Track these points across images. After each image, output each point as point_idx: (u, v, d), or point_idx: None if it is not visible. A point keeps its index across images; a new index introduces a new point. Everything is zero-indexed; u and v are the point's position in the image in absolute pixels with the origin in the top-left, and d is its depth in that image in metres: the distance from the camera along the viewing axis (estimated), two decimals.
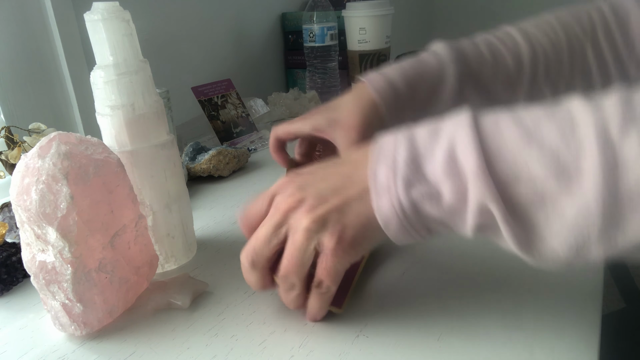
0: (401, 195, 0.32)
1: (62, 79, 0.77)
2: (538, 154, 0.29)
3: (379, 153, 0.34)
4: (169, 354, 0.37)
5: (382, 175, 0.33)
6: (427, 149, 0.32)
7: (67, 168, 0.36)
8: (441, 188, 0.31)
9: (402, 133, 0.34)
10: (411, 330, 0.38)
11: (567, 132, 0.28)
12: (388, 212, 0.33)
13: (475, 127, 0.30)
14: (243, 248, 0.38)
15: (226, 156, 0.72)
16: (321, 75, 1.13)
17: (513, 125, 0.30)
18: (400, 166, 0.32)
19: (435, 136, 0.32)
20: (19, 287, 0.48)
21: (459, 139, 0.30)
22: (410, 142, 0.33)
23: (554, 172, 0.28)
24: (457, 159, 0.30)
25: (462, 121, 0.31)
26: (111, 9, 0.42)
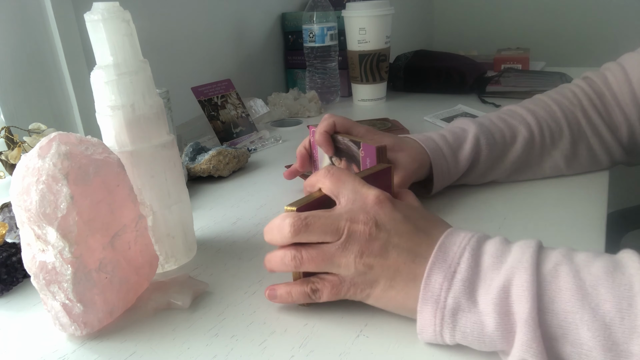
0: (447, 314, 0.33)
1: (62, 79, 0.77)
2: (590, 319, 0.28)
3: (442, 254, 0.35)
4: (169, 354, 0.37)
5: (436, 282, 0.34)
6: (487, 276, 0.33)
7: (67, 168, 0.36)
8: (487, 320, 0.32)
9: (470, 241, 0.35)
10: (411, 330, 0.38)
11: (624, 305, 0.28)
12: (427, 322, 0.34)
13: (535, 269, 0.31)
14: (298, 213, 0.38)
15: (226, 156, 0.72)
16: (321, 76, 1.13)
17: (572, 278, 0.30)
18: (456, 284, 0.33)
19: (498, 263, 0.33)
20: (19, 287, 0.48)
21: (518, 278, 0.31)
22: (475, 260, 0.34)
23: (603, 344, 0.28)
24: (511, 299, 0.31)
25: (526, 257, 0.32)
26: (111, 9, 0.42)
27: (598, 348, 0.28)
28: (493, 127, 0.59)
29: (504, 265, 0.33)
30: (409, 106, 1.09)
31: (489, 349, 0.33)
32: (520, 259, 0.32)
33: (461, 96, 1.11)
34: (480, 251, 0.34)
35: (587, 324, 0.29)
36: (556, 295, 0.30)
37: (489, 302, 0.32)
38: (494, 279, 0.32)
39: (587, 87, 0.62)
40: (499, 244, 0.35)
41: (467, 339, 0.33)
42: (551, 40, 1.82)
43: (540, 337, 0.29)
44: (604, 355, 0.28)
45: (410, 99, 1.15)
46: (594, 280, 0.30)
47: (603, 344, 0.28)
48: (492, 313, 0.31)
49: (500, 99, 1.04)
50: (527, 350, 0.30)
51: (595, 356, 0.28)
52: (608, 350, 0.28)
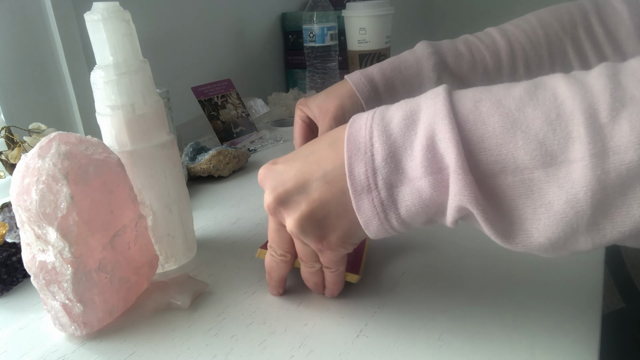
0: (383, 196, 0.31)
1: (62, 79, 0.77)
2: (523, 142, 0.27)
3: (353, 144, 0.32)
4: (169, 354, 0.37)
5: (360, 173, 0.32)
6: (405, 141, 0.31)
7: (67, 168, 0.36)
8: (422, 184, 0.30)
9: (373, 118, 0.32)
10: (411, 330, 0.38)
11: (553, 117, 0.27)
12: (369, 213, 0.32)
13: (453, 115, 0.29)
14: None
15: (226, 156, 0.72)
16: (321, 75, 1.13)
17: (495, 110, 0.28)
18: (379, 165, 0.31)
19: (412, 125, 0.30)
20: (19, 287, 0.48)
21: (438, 128, 0.29)
22: (386, 133, 0.31)
23: (542, 161, 0.27)
24: (437, 153, 0.29)
25: (440, 107, 0.30)
26: (111, 9, 0.42)
27: (539, 167, 0.27)
28: (451, 51, 0.51)
29: (418, 124, 0.30)
30: None
31: (436, 215, 0.32)
32: (434, 109, 0.30)
33: None
34: (387, 120, 0.32)
35: (522, 148, 0.27)
36: (484, 131, 0.28)
37: (417, 166, 0.30)
38: (414, 142, 0.30)
39: (591, 6, 0.52)
40: (404, 105, 0.32)
41: (412, 212, 0.31)
42: None
43: (472, 181, 0.28)
44: (545, 172, 0.27)
45: None
46: (517, 103, 0.28)
47: (542, 161, 0.27)
48: (423, 176, 0.30)
49: None
50: (461, 198, 0.28)
51: (537, 177, 0.27)
52: (548, 165, 0.27)
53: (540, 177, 0.27)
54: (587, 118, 0.26)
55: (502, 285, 0.43)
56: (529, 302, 0.40)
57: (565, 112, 0.27)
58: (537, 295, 0.41)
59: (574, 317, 0.38)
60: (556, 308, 0.39)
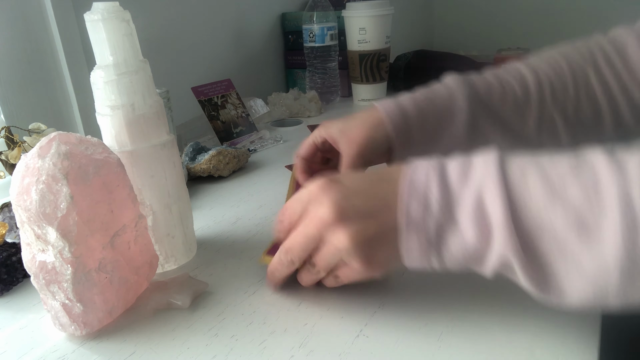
0: (432, 236, 0.34)
1: (62, 79, 0.77)
2: (562, 210, 0.30)
3: (411, 185, 0.35)
4: (169, 354, 0.37)
5: (414, 211, 0.34)
6: (459, 192, 0.33)
7: (67, 168, 0.36)
8: (468, 234, 0.33)
9: (432, 167, 0.35)
10: (411, 330, 0.38)
11: (591, 193, 0.30)
12: (414, 249, 0.34)
13: (502, 177, 0.32)
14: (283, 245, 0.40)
15: (226, 156, 0.72)
16: (321, 75, 1.13)
17: (539, 179, 0.32)
18: (433, 207, 0.34)
19: (465, 178, 0.34)
20: (19, 287, 0.48)
21: (487, 187, 0.32)
22: (443, 181, 0.34)
23: (576, 228, 0.30)
24: (485, 208, 0.32)
25: (490, 167, 0.33)
26: (111, 9, 0.42)
27: (573, 232, 0.30)
28: (479, 81, 0.52)
29: (470, 178, 0.33)
30: None
31: (474, 264, 0.34)
32: (484, 169, 0.33)
33: None
34: (445, 172, 0.35)
35: (559, 213, 0.31)
36: (527, 195, 0.31)
37: (465, 219, 0.33)
38: (465, 194, 0.33)
39: (605, 43, 0.54)
40: (461, 162, 0.35)
41: (453, 257, 0.34)
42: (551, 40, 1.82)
43: (516, 236, 0.31)
44: (578, 237, 0.30)
45: None
46: (560, 176, 0.31)
47: (577, 228, 0.30)
48: (470, 228, 0.33)
49: None
50: (504, 249, 0.31)
51: (571, 240, 0.30)
52: (582, 231, 0.30)
53: (574, 242, 0.30)
54: (621, 197, 0.29)
55: (502, 285, 0.43)
56: (529, 302, 0.40)
57: (602, 190, 0.30)
58: None
59: (574, 317, 0.38)
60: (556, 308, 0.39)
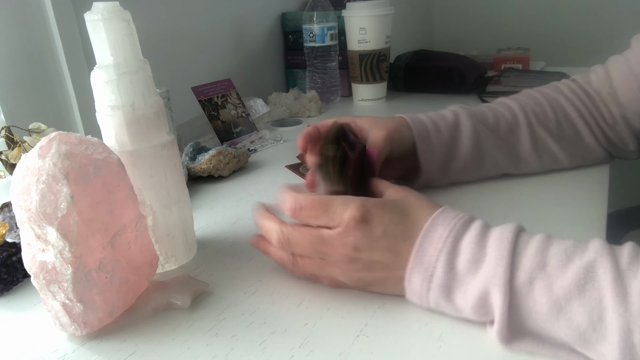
0: (430, 307, 0.39)
1: (62, 79, 0.77)
2: (566, 328, 0.33)
3: (420, 259, 0.38)
4: (169, 354, 0.37)
5: (416, 284, 0.38)
6: (463, 280, 0.36)
7: (67, 168, 0.36)
8: (466, 315, 0.37)
9: (445, 243, 0.37)
10: (411, 330, 0.38)
11: (595, 318, 0.32)
12: (415, 297, 0.39)
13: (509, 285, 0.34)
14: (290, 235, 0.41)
15: (226, 156, 0.72)
16: (321, 75, 1.13)
17: (545, 293, 0.33)
18: (434, 289, 0.37)
19: (474, 269, 0.36)
20: (19, 287, 0.48)
21: (494, 292, 0.35)
22: (451, 266, 0.37)
23: (578, 344, 0.33)
24: (488, 306, 0.35)
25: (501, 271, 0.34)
26: (111, 9, 0.42)
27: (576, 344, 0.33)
28: (474, 109, 0.62)
29: (479, 272, 0.36)
30: (409, 106, 1.09)
31: None
32: (494, 271, 0.35)
33: (461, 96, 1.11)
34: (456, 253, 0.37)
35: (563, 331, 0.33)
36: (532, 308, 0.34)
37: (466, 305, 0.36)
38: (469, 285, 0.36)
39: (569, 82, 0.66)
40: (475, 245, 0.37)
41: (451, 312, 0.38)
42: (551, 40, 1.82)
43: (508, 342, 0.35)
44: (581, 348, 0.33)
45: (411, 99, 1.15)
46: (566, 293, 0.33)
47: (579, 344, 0.33)
48: (470, 313, 0.37)
49: None
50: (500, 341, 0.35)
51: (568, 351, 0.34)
52: (584, 346, 0.33)
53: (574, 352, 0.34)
54: (621, 335, 0.31)
55: None
56: None
57: (606, 320, 0.32)
58: None
59: None
60: None
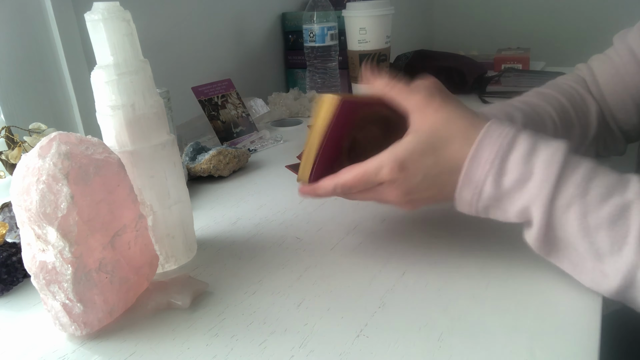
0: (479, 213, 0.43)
1: (62, 79, 0.77)
2: (586, 248, 0.37)
3: (469, 178, 0.40)
4: (169, 354, 0.37)
5: (466, 197, 0.41)
6: (510, 195, 0.40)
7: (67, 168, 0.36)
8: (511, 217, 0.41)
9: (494, 165, 0.40)
10: (411, 330, 0.38)
11: (616, 248, 0.36)
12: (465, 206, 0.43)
13: (550, 203, 0.38)
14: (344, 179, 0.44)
15: (226, 156, 0.72)
16: (321, 75, 1.13)
17: (579, 218, 0.37)
18: (484, 199, 0.41)
19: (520, 187, 0.39)
20: (19, 287, 0.48)
21: (535, 207, 0.38)
22: (498, 181, 0.40)
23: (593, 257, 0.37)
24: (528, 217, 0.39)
25: (545, 191, 0.38)
26: (111, 9, 0.42)
27: (590, 256, 0.37)
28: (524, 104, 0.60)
29: (524, 189, 0.39)
30: None
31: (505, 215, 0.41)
32: (539, 190, 0.38)
33: (461, 96, 1.11)
34: (503, 172, 0.39)
35: (584, 250, 0.37)
36: (563, 226, 0.38)
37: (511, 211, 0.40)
38: (514, 198, 0.39)
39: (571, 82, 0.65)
40: (522, 166, 0.39)
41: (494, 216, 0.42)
42: (551, 40, 1.82)
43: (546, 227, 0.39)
44: (592, 260, 0.38)
45: None
46: (597, 224, 0.36)
47: (594, 257, 0.37)
48: (513, 218, 0.41)
49: (501, 99, 1.04)
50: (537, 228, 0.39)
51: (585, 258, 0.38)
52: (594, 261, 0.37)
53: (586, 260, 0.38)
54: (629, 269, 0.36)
55: (502, 285, 0.43)
56: (529, 302, 0.40)
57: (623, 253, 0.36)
58: (537, 296, 0.41)
59: (574, 317, 0.38)
60: (556, 308, 0.39)
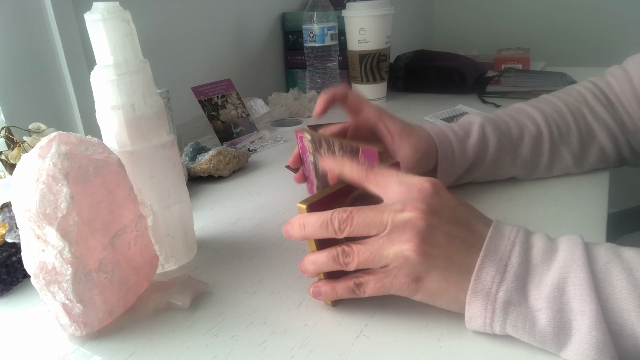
0: (498, 307, 0.33)
1: (62, 79, 0.77)
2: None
3: (493, 248, 0.34)
4: (169, 354, 0.37)
5: (488, 275, 0.34)
6: (537, 270, 0.34)
7: (67, 168, 0.36)
8: (540, 316, 0.32)
9: (518, 235, 0.35)
10: (411, 330, 0.38)
11: None
12: (477, 314, 0.34)
13: (589, 267, 0.32)
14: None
15: (226, 156, 0.72)
16: (321, 75, 1.13)
17: (624, 277, 0.31)
18: (508, 278, 0.33)
19: (548, 260, 0.34)
20: (19, 287, 0.48)
21: (573, 275, 0.32)
22: (526, 254, 0.34)
23: None
24: (566, 296, 0.32)
25: (578, 254, 0.33)
26: (111, 9, 0.42)
27: None
28: (499, 120, 0.59)
29: (554, 261, 0.33)
30: (409, 106, 1.09)
31: (537, 344, 0.34)
32: (571, 255, 0.33)
33: (461, 96, 1.11)
34: (529, 244, 0.35)
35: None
36: (610, 293, 0.31)
37: (542, 298, 0.32)
38: (545, 275, 0.33)
39: (591, 85, 0.63)
40: (546, 239, 0.35)
41: (517, 333, 0.34)
42: (551, 40, 1.82)
43: (609, 338, 0.30)
44: None
45: (411, 99, 1.15)
46: None
47: None
48: (545, 309, 0.32)
49: (501, 99, 1.05)
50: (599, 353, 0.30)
51: None
52: None
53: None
54: None
55: None
56: None
57: None
58: None
59: None
60: None
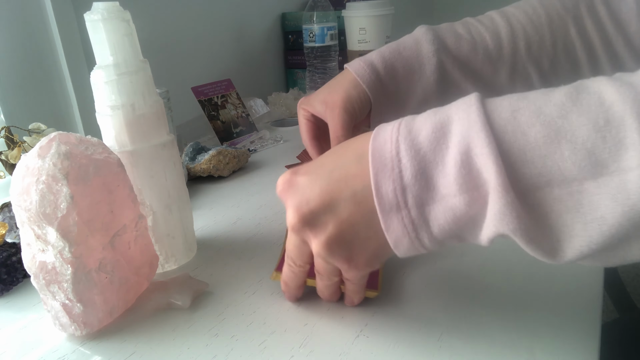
0: (414, 215, 0.29)
1: (62, 79, 0.77)
2: (570, 152, 0.25)
3: (379, 160, 0.30)
4: (169, 354, 0.37)
5: (388, 191, 0.30)
6: (436, 156, 0.29)
7: (67, 168, 0.36)
8: (456, 202, 0.28)
9: (399, 131, 0.30)
10: (411, 330, 0.38)
11: (602, 123, 0.25)
12: (399, 233, 0.30)
13: (489, 126, 0.27)
14: None
15: (226, 156, 0.72)
16: (321, 75, 1.13)
17: (536, 119, 0.26)
18: (408, 182, 0.29)
19: (442, 138, 0.29)
20: (19, 287, 0.48)
21: (474, 142, 0.27)
22: (414, 147, 0.29)
23: (591, 172, 0.25)
24: (474, 168, 0.27)
25: (474, 117, 0.27)
26: (111, 9, 0.42)
27: (588, 178, 0.25)
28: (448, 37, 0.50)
29: (450, 135, 0.28)
30: None
31: (470, 234, 0.30)
32: (467, 121, 0.28)
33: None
34: (415, 134, 0.30)
35: (569, 159, 0.25)
36: (525, 142, 0.26)
37: (450, 182, 0.28)
38: (445, 155, 0.28)
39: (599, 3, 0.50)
40: (432, 117, 0.30)
41: (445, 231, 0.30)
42: None
43: (514, 199, 0.26)
44: (596, 183, 0.25)
45: None
46: (559, 110, 0.26)
47: (593, 171, 0.25)
48: (458, 193, 0.28)
49: None
50: (502, 218, 0.26)
51: (587, 189, 0.25)
52: (599, 175, 0.25)
53: (590, 189, 0.25)
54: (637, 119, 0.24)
55: (502, 286, 0.43)
56: (529, 304, 0.40)
57: (615, 117, 0.25)
58: (538, 297, 0.41)
59: (575, 318, 0.38)
60: (557, 309, 0.39)
